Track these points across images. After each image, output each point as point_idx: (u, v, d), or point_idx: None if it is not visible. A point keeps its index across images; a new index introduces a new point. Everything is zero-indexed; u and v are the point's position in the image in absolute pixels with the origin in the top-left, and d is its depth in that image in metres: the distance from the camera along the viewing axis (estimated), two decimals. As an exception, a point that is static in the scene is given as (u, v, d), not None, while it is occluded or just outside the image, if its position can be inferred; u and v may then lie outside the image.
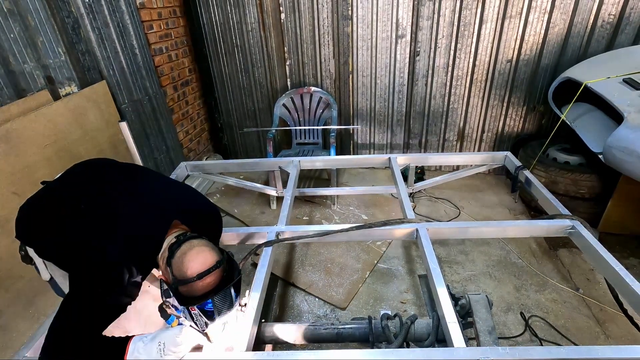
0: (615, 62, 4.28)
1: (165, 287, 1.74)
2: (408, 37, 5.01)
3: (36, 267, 2.15)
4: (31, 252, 2.08)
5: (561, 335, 3.12)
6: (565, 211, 2.89)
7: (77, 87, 3.52)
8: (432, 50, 5.04)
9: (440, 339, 2.10)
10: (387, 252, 4.14)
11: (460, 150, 5.72)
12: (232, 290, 1.75)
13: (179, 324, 1.81)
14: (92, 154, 3.54)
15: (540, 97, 5.09)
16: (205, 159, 5.84)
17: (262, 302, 2.30)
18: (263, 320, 2.31)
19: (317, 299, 3.61)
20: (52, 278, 2.16)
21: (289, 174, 3.70)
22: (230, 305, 1.76)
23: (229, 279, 1.74)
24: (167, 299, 1.74)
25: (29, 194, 2.88)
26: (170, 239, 1.80)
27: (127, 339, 1.69)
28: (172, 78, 4.92)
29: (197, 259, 1.66)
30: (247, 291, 2.24)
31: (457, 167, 5.50)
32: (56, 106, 3.20)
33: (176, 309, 1.73)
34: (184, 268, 1.65)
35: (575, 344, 3.01)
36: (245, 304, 2.00)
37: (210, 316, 1.70)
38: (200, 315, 1.68)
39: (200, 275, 1.63)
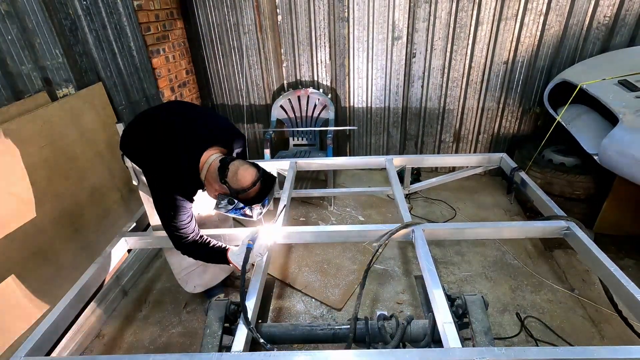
0: (610, 64, 4.30)
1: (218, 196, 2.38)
2: (404, 39, 5.02)
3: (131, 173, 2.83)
4: (127, 161, 2.71)
5: (557, 335, 3.13)
6: (561, 212, 2.92)
7: (74, 88, 3.52)
8: (428, 52, 5.06)
9: (437, 339, 2.12)
10: (384, 253, 4.15)
11: (456, 152, 5.74)
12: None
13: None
14: (89, 155, 3.55)
15: (536, 99, 5.11)
16: (202, 160, 5.84)
17: (259, 303, 2.31)
18: (260, 321, 2.33)
19: (313, 300, 3.62)
20: (138, 184, 2.86)
21: (285, 175, 3.72)
22: (271, 196, 2.51)
23: (270, 180, 2.40)
24: (220, 205, 2.37)
25: (26, 194, 2.90)
26: (211, 160, 2.40)
27: (225, 249, 2.60)
28: (169, 80, 4.92)
29: (247, 174, 2.27)
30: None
31: (453, 169, 5.51)
32: (53, 107, 3.20)
33: (231, 210, 2.39)
34: (240, 182, 2.26)
35: (571, 345, 3.02)
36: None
37: (264, 205, 2.44)
38: (256, 208, 2.40)
39: (254, 184, 2.27)
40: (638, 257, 3.91)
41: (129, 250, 3.05)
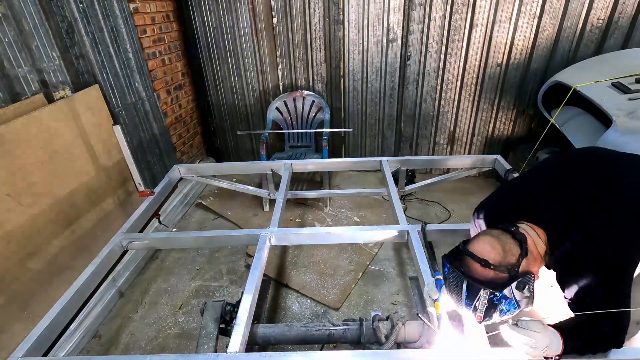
0: (604, 66, 4.33)
1: None
2: (399, 42, 5.05)
3: None
4: None
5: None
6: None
7: (71, 90, 3.53)
8: (423, 54, 5.08)
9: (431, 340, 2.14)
10: (379, 254, 4.17)
11: (451, 154, 5.77)
12: (466, 289, 1.70)
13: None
14: (86, 157, 3.56)
15: (530, 101, 5.14)
16: (198, 162, 5.86)
17: (255, 304, 2.33)
18: (255, 322, 2.34)
19: (309, 301, 3.64)
20: None
21: (281, 177, 3.74)
22: (458, 299, 1.73)
23: (477, 280, 1.68)
24: None
25: (23, 196, 2.92)
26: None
27: None
28: (165, 82, 4.94)
29: (479, 242, 1.72)
30: (241, 292, 2.27)
31: (448, 170, 5.53)
32: (50, 109, 3.21)
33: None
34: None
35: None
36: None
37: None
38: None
39: (464, 250, 1.72)
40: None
41: (125, 251, 3.05)
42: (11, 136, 2.85)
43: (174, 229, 4.73)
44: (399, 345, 2.24)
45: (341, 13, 4.96)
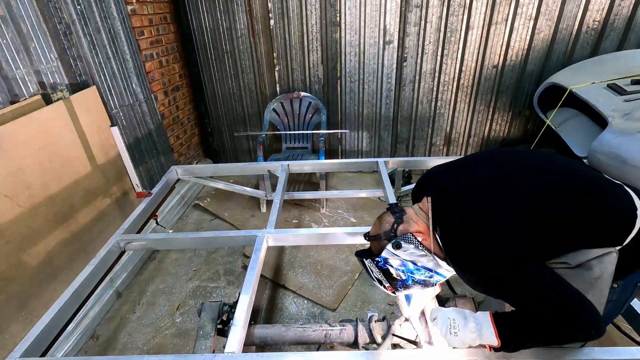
0: (599, 68, 4.35)
1: None
2: (395, 43, 5.07)
3: None
4: None
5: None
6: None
7: (68, 92, 3.54)
8: (419, 56, 5.10)
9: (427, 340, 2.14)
10: (376, 255, 4.17)
11: (447, 155, 5.79)
12: (367, 265, 1.91)
13: None
14: (83, 158, 3.56)
15: (526, 102, 5.16)
16: (196, 163, 5.87)
17: (252, 304, 2.33)
18: (253, 323, 2.35)
19: (305, 301, 3.64)
20: None
21: (278, 178, 3.75)
22: (371, 278, 1.95)
23: (367, 253, 1.99)
24: None
25: (20, 197, 2.92)
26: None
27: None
28: (162, 83, 4.95)
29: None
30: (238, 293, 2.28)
31: (445, 171, 5.53)
32: (47, 111, 3.21)
33: None
34: None
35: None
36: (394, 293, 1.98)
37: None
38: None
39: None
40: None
41: (123, 252, 3.06)
42: (9, 137, 2.86)
43: (171, 230, 4.74)
44: (395, 345, 2.24)
45: (338, 15, 4.98)
